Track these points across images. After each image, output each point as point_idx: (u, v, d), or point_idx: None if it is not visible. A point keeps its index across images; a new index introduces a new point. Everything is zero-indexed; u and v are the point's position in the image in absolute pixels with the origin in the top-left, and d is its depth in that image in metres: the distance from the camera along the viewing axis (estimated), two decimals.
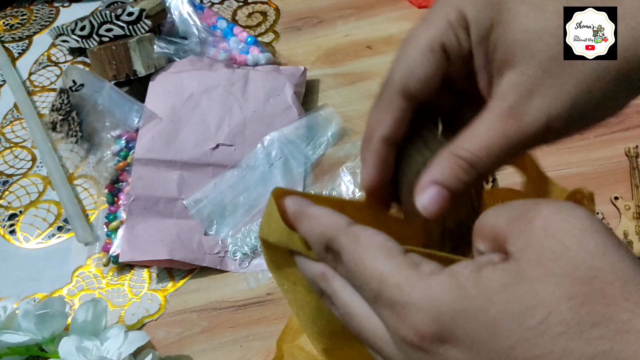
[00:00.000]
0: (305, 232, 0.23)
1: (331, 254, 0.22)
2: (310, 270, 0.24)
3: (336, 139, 0.56)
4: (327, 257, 0.23)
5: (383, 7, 0.68)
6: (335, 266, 0.23)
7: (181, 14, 0.63)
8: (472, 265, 0.20)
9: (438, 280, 0.19)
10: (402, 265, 0.20)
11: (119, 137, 0.55)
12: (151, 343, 0.46)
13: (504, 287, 0.18)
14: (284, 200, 0.24)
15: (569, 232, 0.18)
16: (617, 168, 0.52)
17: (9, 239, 0.54)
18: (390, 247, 0.21)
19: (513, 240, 0.19)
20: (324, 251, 0.23)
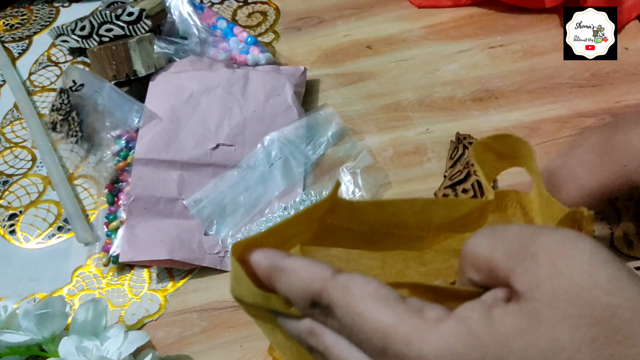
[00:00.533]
0: (285, 290, 0.22)
1: (319, 309, 0.21)
2: (296, 329, 0.22)
3: (336, 139, 0.56)
4: (314, 312, 0.21)
5: (383, 7, 0.68)
6: (324, 321, 0.21)
7: (181, 14, 0.63)
8: (480, 307, 0.19)
9: (448, 329, 0.18)
10: (405, 314, 0.19)
11: (119, 137, 0.55)
12: (151, 343, 0.46)
13: (520, 333, 0.17)
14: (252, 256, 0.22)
15: (578, 268, 0.18)
16: None
17: (9, 239, 0.54)
18: (386, 295, 0.20)
19: (518, 278, 0.19)
20: (309, 307, 0.21)
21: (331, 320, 0.21)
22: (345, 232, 0.26)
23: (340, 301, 0.20)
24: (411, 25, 0.66)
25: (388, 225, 0.26)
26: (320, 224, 0.25)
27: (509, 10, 0.65)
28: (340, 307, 0.20)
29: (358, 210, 0.25)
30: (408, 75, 0.61)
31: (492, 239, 0.20)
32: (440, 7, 0.67)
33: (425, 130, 0.56)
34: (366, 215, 0.25)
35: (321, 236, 0.26)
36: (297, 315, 0.22)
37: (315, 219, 0.25)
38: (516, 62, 0.61)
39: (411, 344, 0.18)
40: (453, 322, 0.18)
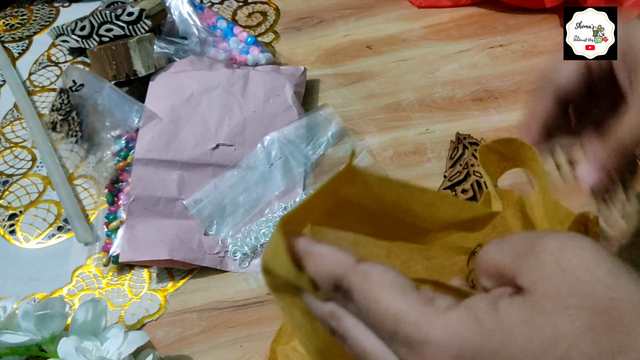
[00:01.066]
0: (312, 272, 0.23)
1: (341, 293, 0.22)
2: (320, 310, 0.24)
3: (336, 139, 0.56)
4: (337, 296, 0.22)
5: (383, 7, 0.68)
6: (345, 304, 0.22)
7: (181, 14, 0.63)
8: (488, 298, 0.20)
9: (456, 315, 0.19)
10: (417, 302, 0.20)
11: (119, 137, 0.55)
12: (151, 343, 0.46)
13: (523, 322, 0.18)
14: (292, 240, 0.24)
15: (580, 265, 0.19)
16: None
17: (9, 239, 0.54)
18: (402, 284, 0.21)
19: (523, 276, 0.20)
20: (332, 291, 0.22)
21: (351, 304, 0.22)
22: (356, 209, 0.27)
23: (359, 286, 0.21)
24: (411, 25, 0.66)
25: (397, 208, 0.26)
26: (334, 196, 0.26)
27: (509, 10, 0.65)
28: (358, 291, 0.21)
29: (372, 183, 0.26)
30: (408, 75, 0.61)
31: (501, 245, 0.22)
32: (440, 7, 0.67)
33: (425, 131, 0.56)
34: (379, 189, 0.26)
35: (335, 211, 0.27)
36: (322, 298, 0.23)
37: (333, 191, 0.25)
38: (516, 62, 0.61)
39: (420, 328, 0.19)
40: (461, 310, 0.19)
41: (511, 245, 0.21)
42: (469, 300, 0.20)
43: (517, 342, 0.18)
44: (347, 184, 0.25)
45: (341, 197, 0.26)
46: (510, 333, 0.18)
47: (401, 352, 0.20)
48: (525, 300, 0.19)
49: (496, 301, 0.19)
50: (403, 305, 0.20)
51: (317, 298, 0.24)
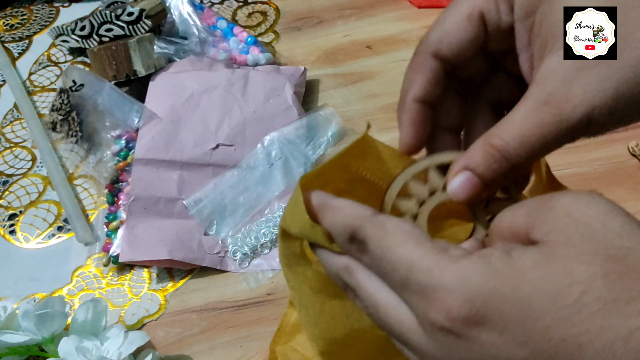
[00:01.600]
0: (329, 224, 0.23)
1: (356, 245, 0.22)
2: (334, 263, 0.24)
3: (336, 139, 0.56)
4: (352, 248, 0.23)
5: (383, 7, 0.68)
6: (360, 257, 0.22)
7: (181, 14, 0.63)
8: (501, 247, 0.20)
9: (468, 262, 0.19)
10: (431, 250, 0.20)
11: (119, 137, 0.55)
12: (151, 343, 0.46)
13: (536, 267, 0.18)
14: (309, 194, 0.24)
15: (593, 216, 0.19)
16: (617, 168, 0.52)
17: (9, 239, 0.54)
18: (417, 234, 0.21)
19: (536, 230, 0.19)
20: (348, 242, 0.22)
21: (365, 256, 0.22)
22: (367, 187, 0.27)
23: (374, 235, 0.21)
24: (411, 25, 0.66)
25: None
26: (345, 172, 0.26)
27: None
28: (373, 240, 0.21)
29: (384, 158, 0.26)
30: None
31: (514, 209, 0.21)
32: (440, 7, 0.67)
33: None
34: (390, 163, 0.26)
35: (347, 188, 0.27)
36: (337, 251, 0.23)
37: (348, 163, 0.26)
38: None
39: (433, 274, 0.19)
40: (474, 257, 0.19)
41: (524, 207, 0.21)
42: (483, 250, 0.20)
43: (529, 286, 0.18)
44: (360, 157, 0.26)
45: (353, 174, 0.26)
46: (522, 277, 0.18)
47: (413, 299, 0.20)
48: (540, 248, 0.19)
49: (510, 250, 0.19)
50: (417, 253, 0.20)
51: (332, 252, 0.23)
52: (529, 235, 0.20)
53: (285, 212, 0.25)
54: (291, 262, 0.28)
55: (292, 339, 0.42)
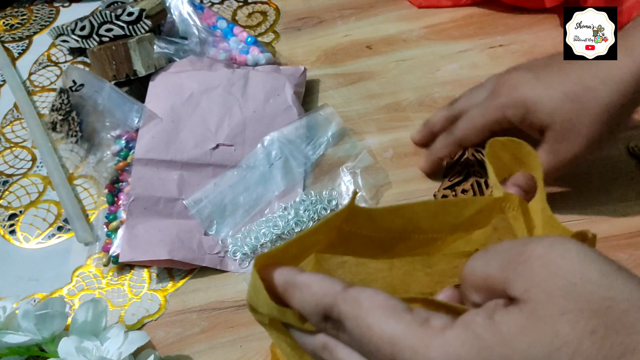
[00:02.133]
0: (299, 305, 0.22)
1: (331, 323, 0.22)
2: (310, 344, 0.23)
3: (336, 139, 0.56)
4: (327, 326, 0.22)
5: (383, 7, 0.68)
6: (336, 335, 0.22)
7: (181, 14, 0.63)
8: (483, 312, 0.19)
9: (453, 334, 0.19)
10: (412, 324, 0.19)
11: (119, 137, 0.55)
12: (151, 343, 0.46)
13: (522, 332, 0.18)
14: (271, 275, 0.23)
15: (569, 267, 0.18)
16: (617, 168, 0.52)
17: (9, 239, 0.54)
18: (394, 306, 0.20)
19: (513, 285, 0.19)
20: (322, 321, 0.22)
21: (342, 334, 0.21)
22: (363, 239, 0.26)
23: (350, 313, 0.21)
24: (411, 25, 0.66)
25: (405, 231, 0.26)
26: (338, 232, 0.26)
27: (509, 10, 0.65)
28: (350, 319, 0.20)
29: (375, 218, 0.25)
30: (408, 75, 0.61)
31: (486, 257, 0.21)
32: (440, 7, 0.67)
33: None
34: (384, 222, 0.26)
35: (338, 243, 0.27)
36: (311, 330, 0.23)
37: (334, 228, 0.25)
38: (516, 62, 0.60)
39: (418, 352, 0.19)
40: (458, 328, 0.19)
41: (496, 256, 0.21)
42: (465, 317, 0.19)
43: (519, 352, 0.18)
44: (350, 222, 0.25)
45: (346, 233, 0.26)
46: (510, 344, 0.18)
47: None
48: (521, 309, 0.18)
49: (492, 314, 0.19)
50: (398, 329, 0.19)
51: (306, 331, 0.23)
52: (506, 290, 0.20)
53: (249, 290, 0.24)
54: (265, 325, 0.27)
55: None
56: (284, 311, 0.22)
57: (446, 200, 0.26)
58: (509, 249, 0.20)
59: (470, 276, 0.21)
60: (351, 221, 0.25)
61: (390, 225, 0.26)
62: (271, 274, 0.23)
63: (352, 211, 0.24)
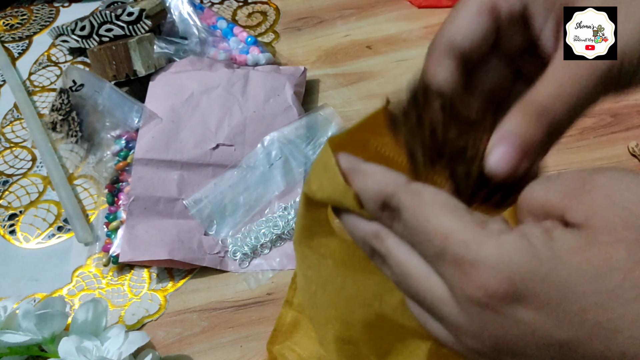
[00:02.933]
0: (360, 189, 0.22)
1: (387, 212, 0.22)
2: (362, 229, 0.23)
3: None
4: (383, 215, 0.22)
5: (383, 7, 0.68)
6: (391, 225, 0.22)
7: (181, 14, 0.63)
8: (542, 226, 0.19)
9: (509, 239, 0.19)
10: (469, 222, 0.19)
11: (119, 137, 0.55)
12: (151, 343, 0.46)
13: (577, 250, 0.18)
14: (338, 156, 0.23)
15: (633, 199, 0.18)
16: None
17: (9, 239, 0.54)
18: (454, 205, 0.20)
19: (574, 212, 0.19)
20: (379, 209, 0.22)
21: (397, 224, 0.21)
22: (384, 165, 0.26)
23: (409, 203, 0.21)
24: (411, 25, 0.66)
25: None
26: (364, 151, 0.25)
27: None
28: (408, 209, 0.21)
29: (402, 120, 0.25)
30: (408, 75, 0.61)
31: (547, 184, 0.21)
32: (440, 7, 0.67)
33: None
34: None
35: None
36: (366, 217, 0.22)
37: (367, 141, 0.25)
38: None
39: (470, 248, 0.19)
40: (515, 235, 0.19)
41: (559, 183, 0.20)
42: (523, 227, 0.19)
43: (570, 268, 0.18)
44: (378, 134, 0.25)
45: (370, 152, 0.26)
46: (563, 260, 0.18)
47: (447, 271, 0.20)
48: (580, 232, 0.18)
49: (550, 230, 0.19)
50: (454, 224, 0.19)
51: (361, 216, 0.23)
52: (565, 216, 0.19)
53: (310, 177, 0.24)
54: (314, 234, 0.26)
55: (289, 339, 0.42)
56: (348, 191, 0.22)
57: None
58: (572, 177, 0.20)
59: (529, 200, 0.21)
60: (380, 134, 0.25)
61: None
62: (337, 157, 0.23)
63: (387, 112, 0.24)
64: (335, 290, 0.28)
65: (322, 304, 0.30)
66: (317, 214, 0.26)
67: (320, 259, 0.27)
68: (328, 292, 0.29)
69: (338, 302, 0.29)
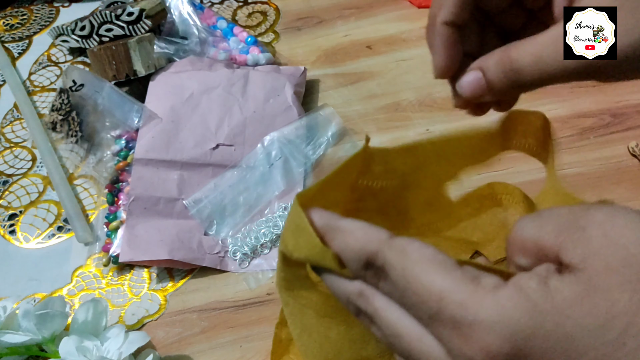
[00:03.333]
0: (339, 249, 0.21)
1: (372, 271, 0.21)
2: (345, 289, 0.22)
3: (336, 139, 0.56)
4: (367, 274, 0.21)
5: (383, 7, 0.68)
6: (376, 283, 0.21)
7: (181, 14, 0.63)
8: (536, 277, 0.19)
9: (505, 295, 0.18)
10: (462, 280, 0.19)
11: (119, 137, 0.55)
12: (151, 343, 0.46)
13: (578, 300, 0.17)
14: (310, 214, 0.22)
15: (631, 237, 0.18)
16: (617, 168, 0.52)
17: (9, 239, 0.54)
18: (443, 261, 0.19)
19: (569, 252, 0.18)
20: (362, 268, 0.21)
21: (384, 283, 0.21)
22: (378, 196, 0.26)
23: (396, 263, 0.20)
24: (411, 25, 0.66)
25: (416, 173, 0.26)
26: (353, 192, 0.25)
27: None
28: (395, 268, 0.20)
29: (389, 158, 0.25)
30: (408, 75, 0.61)
31: (539, 221, 0.20)
32: None
33: (425, 131, 0.56)
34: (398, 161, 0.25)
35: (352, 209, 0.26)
36: (348, 276, 0.22)
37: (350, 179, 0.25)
38: None
39: (467, 309, 0.18)
40: (511, 290, 0.18)
41: (552, 220, 0.20)
42: (517, 279, 0.19)
43: (573, 321, 0.17)
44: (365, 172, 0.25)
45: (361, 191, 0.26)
46: (564, 312, 0.17)
47: (444, 334, 0.19)
48: (577, 277, 0.18)
49: (546, 280, 0.18)
50: (447, 283, 0.19)
51: (343, 277, 0.22)
52: (559, 256, 0.19)
53: (285, 236, 0.23)
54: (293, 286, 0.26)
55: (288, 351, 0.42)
56: (326, 252, 0.21)
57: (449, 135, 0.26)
58: (566, 214, 0.19)
59: (520, 238, 0.21)
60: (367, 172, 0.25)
61: (402, 167, 0.25)
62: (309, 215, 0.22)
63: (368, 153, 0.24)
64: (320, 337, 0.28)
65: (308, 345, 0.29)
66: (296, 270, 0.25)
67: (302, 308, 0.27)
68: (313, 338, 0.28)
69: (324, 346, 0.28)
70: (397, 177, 0.26)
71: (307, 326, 0.27)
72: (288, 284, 0.26)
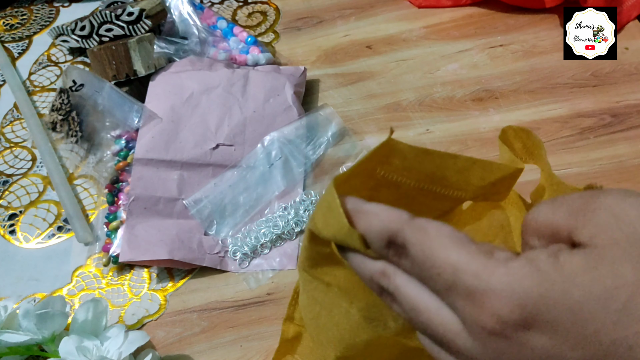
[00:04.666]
0: (364, 230, 0.23)
1: (394, 250, 0.22)
2: (369, 269, 0.23)
3: (336, 139, 0.56)
4: (389, 253, 0.22)
5: (383, 7, 0.68)
6: (398, 262, 0.22)
7: (181, 14, 0.63)
8: (548, 251, 0.20)
9: (517, 265, 0.19)
10: (476, 253, 0.20)
11: (119, 137, 0.55)
12: (151, 343, 0.46)
13: (585, 271, 0.18)
14: (344, 198, 0.23)
15: (637, 217, 0.19)
16: (617, 168, 0.52)
17: (9, 239, 0.54)
18: (459, 237, 0.21)
19: (580, 231, 0.20)
20: (385, 247, 0.22)
21: (404, 260, 0.22)
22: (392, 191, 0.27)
23: (415, 239, 0.21)
24: (411, 25, 0.66)
25: (432, 180, 0.27)
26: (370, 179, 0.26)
27: (509, 10, 0.65)
28: (414, 244, 0.21)
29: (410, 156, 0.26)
30: (408, 75, 0.61)
31: (553, 205, 0.21)
32: (440, 7, 0.67)
33: (425, 131, 0.56)
34: (415, 163, 0.26)
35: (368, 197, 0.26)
36: (372, 256, 0.23)
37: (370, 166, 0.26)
38: (516, 62, 0.61)
39: (480, 278, 0.19)
40: (522, 261, 0.19)
41: (564, 205, 0.21)
42: (529, 253, 0.20)
43: (579, 290, 0.18)
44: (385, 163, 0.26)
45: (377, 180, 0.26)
46: (572, 281, 0.18)
47: (459, 303, 0.20)
48: (586, 252, 0.19)
49: (557, 253, 0.19)
50: (462, 256, 0.20)
51: (367, 256, 0.23)
52: (571, 236, 0.20)
53: (316, 215, 0.24)
54: (318, 264, 0.27)
55: (291, 351, 0.42)
56: (353, 232, 0.22)
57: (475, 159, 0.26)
58: (577, 198, 0.21)
59: (534, 221, 0.22)
60: (386, 163, 0.26)
61: (420, 167, 0.26)
62: (342, 198, 0.23)
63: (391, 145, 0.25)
64: (340, 314, 0.28)
65: (325, 325, 0.30)
66: (322, 248, 0.26)
67: (326, 285, 0.27)
68: (333, 315, 0.29)
69: (342, 324, 0.29)
70: (413, 178, 0.26)
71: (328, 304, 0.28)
72: (312, 262, 0.26)
